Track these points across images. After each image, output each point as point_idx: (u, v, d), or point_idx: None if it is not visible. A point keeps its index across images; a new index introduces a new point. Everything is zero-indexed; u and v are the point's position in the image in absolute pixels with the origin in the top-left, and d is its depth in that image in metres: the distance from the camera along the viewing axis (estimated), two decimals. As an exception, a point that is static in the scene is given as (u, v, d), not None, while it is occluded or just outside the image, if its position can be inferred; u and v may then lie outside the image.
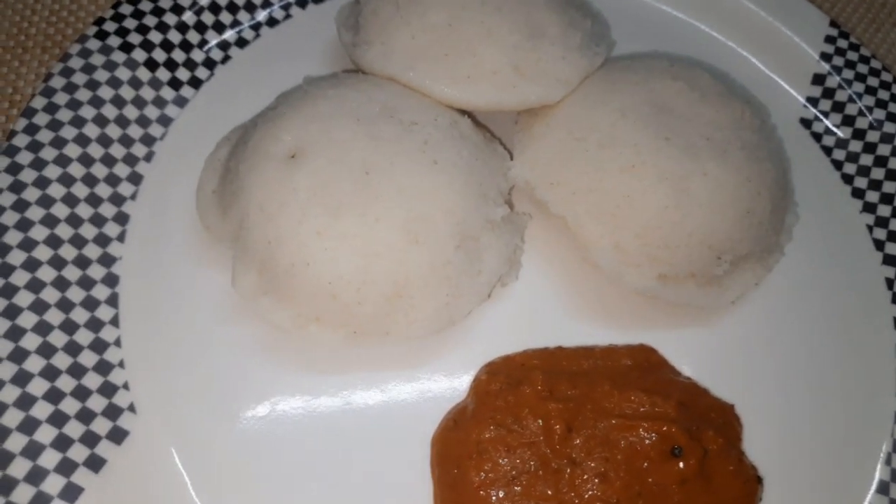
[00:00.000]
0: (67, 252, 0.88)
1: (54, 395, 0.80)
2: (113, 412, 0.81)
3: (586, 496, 0.76)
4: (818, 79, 1.13)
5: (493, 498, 0.76)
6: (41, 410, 0.79)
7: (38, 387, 0.80)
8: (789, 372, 0.91)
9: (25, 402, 0.78)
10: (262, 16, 1.08)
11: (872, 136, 1.08)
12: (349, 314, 0.82)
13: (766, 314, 0.95)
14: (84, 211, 0.91)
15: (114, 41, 0.98)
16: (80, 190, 0.91)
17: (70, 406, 0.80)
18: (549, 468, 0.78)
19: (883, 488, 0.84)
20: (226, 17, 1.06)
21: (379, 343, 0.84)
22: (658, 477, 0.78)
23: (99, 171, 0.93)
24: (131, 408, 0.82)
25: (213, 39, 1.04)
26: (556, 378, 0.84)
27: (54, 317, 0.84)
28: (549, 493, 0.77)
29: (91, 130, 0.94)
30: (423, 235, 0.82)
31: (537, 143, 0.94)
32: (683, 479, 0.78)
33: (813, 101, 1.12)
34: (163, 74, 1.00)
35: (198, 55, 1.03)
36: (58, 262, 0.86)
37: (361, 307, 0.81)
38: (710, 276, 0.90)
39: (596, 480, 0.77)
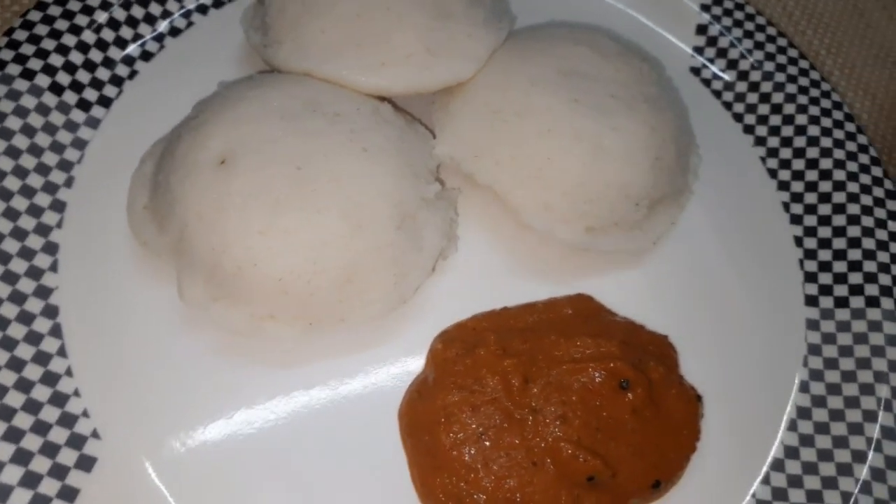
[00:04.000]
0: (1, 290, 0.85)
1: (13, 435, 0.79)
2: (77, 441, 0.81)
3: (550, 439, 0.82)
4: (701, 29, 1.22)
5: (467, 456, 0.81)
6: (2, 451, 0.77)
7: (-7, 428, 0.78)
8: (711, 298, 1.00)
9: (-15, 445, 0.77)
10: (163, 26, 1.07)
11: (755, 76, 1.18)
12: (303, 307, 0.84)
13: (685, 249, 1.03)
14: (10, 246, 0.88)
15: (13, 69, 0.95)
16: (3, 225, 0.89)
17: (32, 442, 0.79)
18: (514, 419, 0.83)
19: (804, 387, 0.94)
20: (126, 32, 1.04)
21: (335, 331, 0.87)
22: (612, 410, 0.84)
23: (19, 203, 0.91)
24: (95, 434, 0.82)
25: (117, 56, 1.03)
26: (507, 336, 0.89)
27: (-2, 356, 0.82)
28: (517, 441, 0.82)
29: (4, 164, 0.91)
30: (364, 220, 0.85)
31: (456, 119, 0.98)
32: (634, 409, 0.84)
33: (699, 50, 1.21)
34: (70, 97, 0.98)
35: (103, 73, 1.01)
36: (-8, 302, 0.84)
37: (314, 298, 0.84)
38: (632, 222, 0.97)
39: (557, 423, 0.83)
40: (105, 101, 1.00)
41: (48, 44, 0.98)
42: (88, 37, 1.01)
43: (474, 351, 0.87)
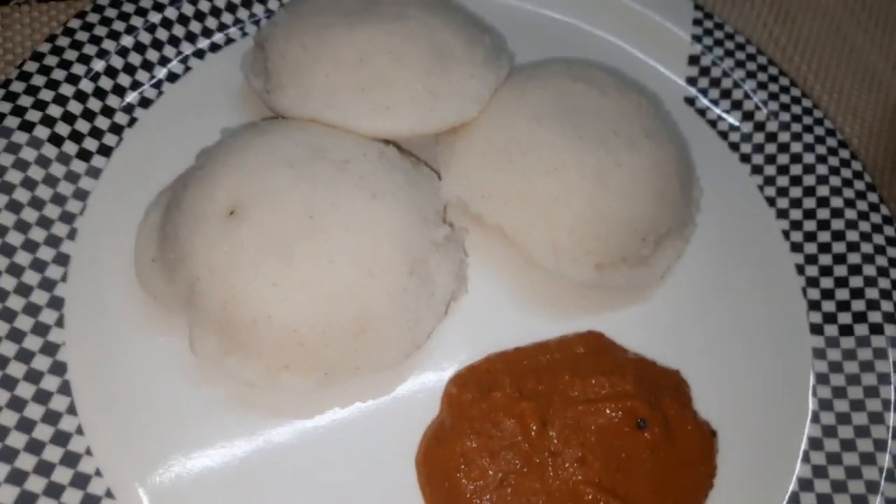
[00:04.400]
0: (7, 349, 0.84)
1: (26, 499, 0.77)
2: (90, 502, 0.79)
3: (571, 482, 0.82)
4: (693, 59, 1.24)
5: None
6: (17, 518, 0.76)
7: (6, 493, 0.76)
8: (719, 330, 1.00)
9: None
10: (161, 73, 1.06)
11: (749, 105, 1.20)
12: (318, 358, 0.83)
13: (691, 282, 1.03)
14: (15, 303, 0.87)
15: (11, 122, 0.94)
16: (7, 282, 0.87)
17: (46, 507, 0.77)
18: (533, 464, 0.83)
19: (815, 418, 0.95)
20: (124, 80, 1.03)
21: (350, 380, 0.86)
22: (630, 451, 0.84)
23: (22, 258, 0.89)
24: (109, 494, 0.80)
25: (116, 104, 1.01)
26: (522, 378, 0.89)
27: (8, 418, 0.80)
28: (538, 486, 0.82)
29: (6, 219, 0.90)
30: (377, 268, 0.85)
31: (462, 160, 0.99)
32: (652, 448, 0.85)
33: (692, 81, 1.23)
34: (70, 148, 0.97)
35: (102, 122, 1.00)
36: (-1, 362, 0.83)
37: (329, 349, 0.83)
38: (639, 257, 0.98)
39: (576, 465, 0.83)
40: (105, 150, 0.99)
41: (46, 94, 0.97)
42: (86, 86, 1.00)
43: (490, 394, 0.87)
